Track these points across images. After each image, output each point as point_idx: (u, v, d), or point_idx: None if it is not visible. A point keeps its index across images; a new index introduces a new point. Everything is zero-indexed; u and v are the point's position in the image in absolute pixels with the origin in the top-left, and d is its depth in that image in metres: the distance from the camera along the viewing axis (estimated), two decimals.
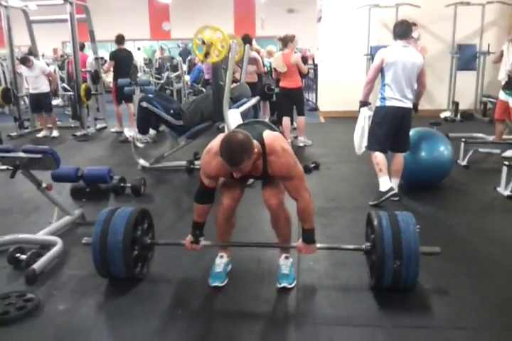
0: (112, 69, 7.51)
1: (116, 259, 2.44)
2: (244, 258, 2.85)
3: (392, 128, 3.78)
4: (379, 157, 3.83)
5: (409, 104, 3.78)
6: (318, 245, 2.50)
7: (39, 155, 2.93)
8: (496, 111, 5.44)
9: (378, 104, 3.84)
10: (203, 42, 4.41)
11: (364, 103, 3.98)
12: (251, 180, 4.23)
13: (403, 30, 3.77)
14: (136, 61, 10.79)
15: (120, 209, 2.61)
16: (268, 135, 2.34)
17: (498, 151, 5.31)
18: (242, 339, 2.13)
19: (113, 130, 7.68)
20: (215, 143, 2.31)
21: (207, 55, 4.51)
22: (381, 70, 3.77)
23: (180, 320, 2.25)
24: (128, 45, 7.68)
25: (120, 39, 7.37)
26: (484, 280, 2.60)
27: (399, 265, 2.27)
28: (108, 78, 11.33)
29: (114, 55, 7.37)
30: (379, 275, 2.34)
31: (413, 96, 3.81)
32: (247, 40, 5.55)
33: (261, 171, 2.33)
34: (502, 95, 5.28)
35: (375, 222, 2.40)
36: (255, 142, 2.20)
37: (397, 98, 3.72)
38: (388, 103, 3.75)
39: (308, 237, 2.43)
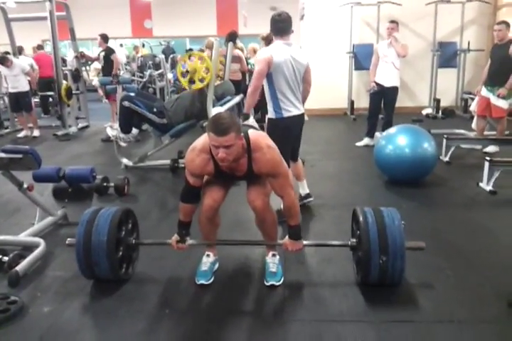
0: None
1: (100, 260, 2.41)
2: (231, 256, 2.84)
3: (294, 138, 3.43)
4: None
5: (302, 109, 3.39)
6: (305, 242, 2.50)
7: (19, 156, 2.88)
8: (478, 107, 5.53)
9: (273, 115, 3.30)
10: (187, 71, 4.47)
11: (247, 116, 3.36)
12: None
13: (283, 27, 3.23)
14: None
15: (104, 210, 2.57)
16: (253, 132, 2.35)
17: (479, 147, 5.38)
18: (230, 337, 2.12)
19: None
20: (200, 141, 2.34)
21: (191, 81, 4.56)
22: (267, 75, 3.20)
23: (168, 320, 2.24)
24: (109, 43, 7.63)
25: (107, 38, 7.40)
26: (469, 274, 2.63)
27: (385, 260, 2.29)
28: (90, 76, 11.22)
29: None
30: (365, 270, 2.36)
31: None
32: (232, 37, 5.52)
33: (246, 170, 2.33)
34: (484, 91, 5.36)
35: (361, 218, 2.41)
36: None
37: (294, 105, 3.28)
38: (287, 114, 3.26)
39: (295, 233, 2.44)
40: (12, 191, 3.28)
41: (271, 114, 3.32)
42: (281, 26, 3.23)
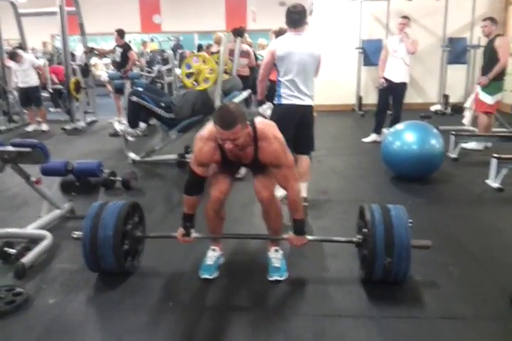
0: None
1: (106, 254, 2.43)
2: (235, 251, 2.85)
3: (292, 128, 3.37)
4: None
5: (308, 102, 3.41)
6: (310, 237, 2.50)
7: (28, 149, 2.90)
8: (474, 104, 5.60)
9: (275, 101, 3.47)
10: (191, 73, 4.50)
11: (261, 102, 3.64)
12: (242, 172, 4.24)
13: (297, 19, 3.32)
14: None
15: (110, 203, 2.59)
16: (260, 121, 2.35)
17: (490, 145, 5.32)
18: (233, 331, 2.13)
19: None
20: (206, 129, 2.34)
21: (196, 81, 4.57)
22: (275, 65, 3.39)
23: (171, 313, 2.25)
24: None
25: (124, 33, 7.55)
26: (473, 271, 2.62)
27: (390, 262, 2.27)
28: (97, 72, 11.26)
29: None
30: (369, 269, 2.35)
31: (312, 92, 3.44)
32: (239, 32, 5.51)
33: (251, 158, 2.34)
34: (478, 88, 5.45)
35: (368, 217, 2.38)
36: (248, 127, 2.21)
37: (295, 95, 3.35)
38: (284, 101, 3.36)
39: (299, 228, 2.43)
40: (20, 184, 3.31)
41: (275, 99, 3.49)
42: (295, 18, 3.33)
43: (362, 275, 2.48)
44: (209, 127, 2.32)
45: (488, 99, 5.23)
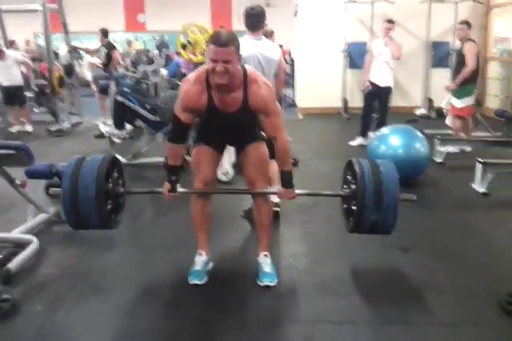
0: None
1: (89, 215, 2.32)
2: (224, 256, 2.84)
3: None
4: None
5: None
6: (298, 191, 2.50)
7: (12, 151, 2.86)
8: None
9: None
10: (189, 42, 4.37)
11: None
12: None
13: (255, 21, 3.26)
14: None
15: (88, 159, 2.43)
16: (251, 68, 2.38)
17: (469, 149, 5.38)
18: (221, 336, 2.12)
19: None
20: (194, 73, 2.35)
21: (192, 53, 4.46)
22: None
23: (161, 320, 2.24)
24: None
25: (107, 32, 7.43)
26: (461, 275, 2.65)
27: (378, 217, 2.31)
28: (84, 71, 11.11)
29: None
30: (357, 224, 2.38)
31: None
32: None
33: (240, 104, 2.30)
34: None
35: (358, 172, 2.35)
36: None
37: None
38: None
39: (288, 180, 2.43)
40: (4, 187, 3.25)
41: None
42: (253, 21, 3.24)
43: (348, 228, 2.50)
44: (197, 70, 2.33)
45: (456, 103, 5.33)
